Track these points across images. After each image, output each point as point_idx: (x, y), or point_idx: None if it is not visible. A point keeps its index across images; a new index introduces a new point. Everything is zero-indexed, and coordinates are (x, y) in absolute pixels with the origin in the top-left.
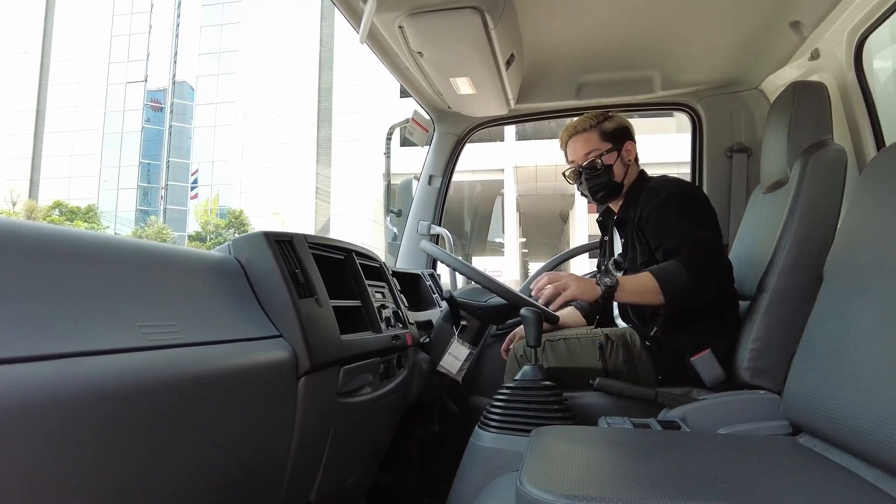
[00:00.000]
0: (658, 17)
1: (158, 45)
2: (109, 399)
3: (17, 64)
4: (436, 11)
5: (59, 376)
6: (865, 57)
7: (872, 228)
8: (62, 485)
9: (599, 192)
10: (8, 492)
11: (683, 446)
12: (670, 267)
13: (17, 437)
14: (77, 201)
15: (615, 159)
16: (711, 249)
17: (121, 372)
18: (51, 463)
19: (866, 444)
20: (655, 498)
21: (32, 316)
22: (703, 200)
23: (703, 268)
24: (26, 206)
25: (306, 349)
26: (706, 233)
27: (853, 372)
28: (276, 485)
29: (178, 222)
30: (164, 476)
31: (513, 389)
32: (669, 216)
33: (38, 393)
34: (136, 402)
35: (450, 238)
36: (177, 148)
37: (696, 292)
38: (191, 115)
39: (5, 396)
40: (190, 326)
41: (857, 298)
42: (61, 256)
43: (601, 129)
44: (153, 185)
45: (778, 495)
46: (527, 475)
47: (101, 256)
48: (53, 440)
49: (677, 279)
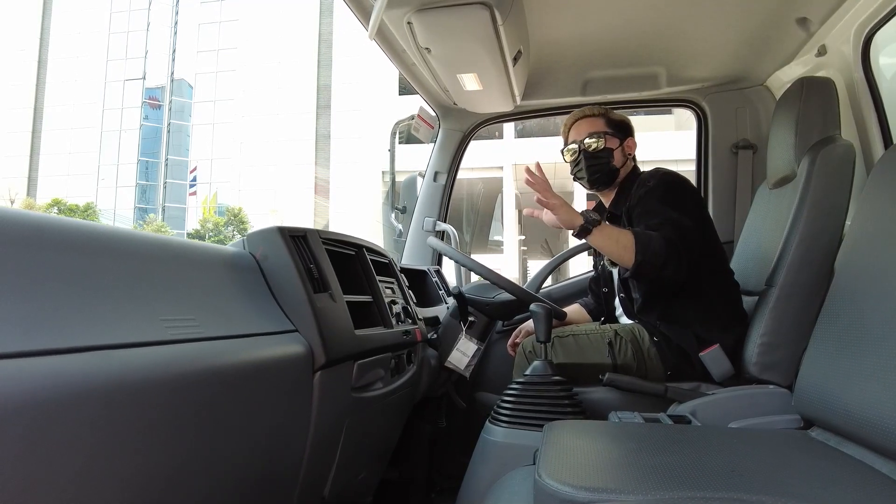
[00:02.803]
0: (664, 13)
1: (157, 42)
2: (137, 391)
3: (15, 61)
4: (445, 7)
5: (91, 368)
6: (873, 54)
7: (884, 225)
8: (95, 475)
9: (596, 174)
10: (48, 482)
11: (696, 440)
12: (652, 236)
13: (55, 428)
14: (75, 199)
15: (617, 146)
16: (688, 235)
17: (147, 365)
18: (86, 452)
19: (881, 437)
20: (672, 490)
21: (64, 309)
22: (691, 191)
23: (679, 249)
24: (24, 204)
25: (322, 344)
26: (686, 220)
27: (867, 366)
28: (292, 480)
29: (176, 220)
30: (186, 468)
31: (523, 385)
32: (654, 202)
33: (73, 384)
34: (161, 395)
35: (454, 235)
36: (175, 145)
37: (665, 266)
38: (189, 112)
39: (41, 387)
40: (209, 321)
41: (871, 294)
42: (88, 251)
43: (608, 117)
44: (152, 182)
45: (794, 487)
46: (545, 469)
47: (124, 251)
48: (88, 431)
49: (653, 247)
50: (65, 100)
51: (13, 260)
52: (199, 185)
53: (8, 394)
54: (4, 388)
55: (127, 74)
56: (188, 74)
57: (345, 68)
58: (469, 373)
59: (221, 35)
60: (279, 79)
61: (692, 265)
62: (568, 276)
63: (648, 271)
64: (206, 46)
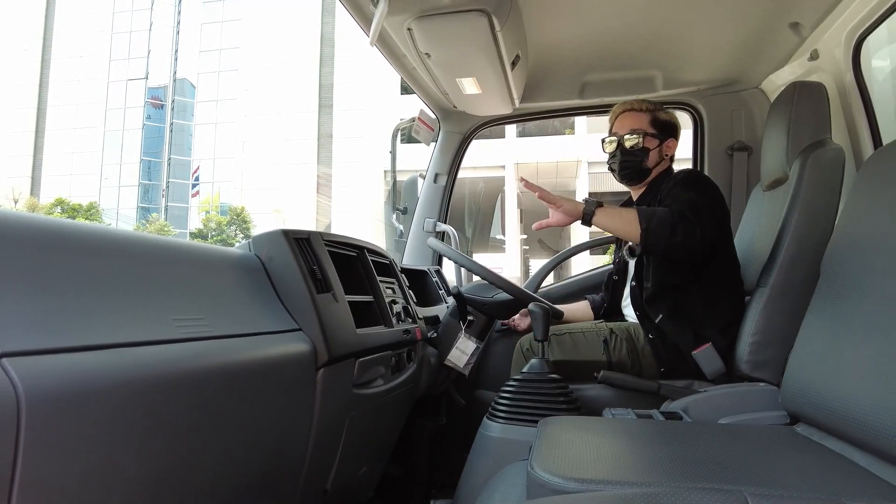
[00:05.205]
0: (660, 17)
1: (159, 42)
2: (150, 387)
3: (19, 61)
4: (444, 14)
5: (111, 365)
6: (864, 58)
7: (868, 226)
8: (114, 465)
9: (626, 170)
10: (66, 478)
11: (685, 435)
12: (656, 209)
13: (75, 423)
14: (79, 199)
15: (654, 146)
16: (704, 213)
17: (161, 361)
18: (106, 443)
19: (861, 432)
20: (658, 481)
21: (82, 309)
22: (712, 184)
23: (689, 219)
24: (28, 204)
25: (325, 342)
26: (704, 203)
27: (848, 364)
28: (296, 473)
29: (179, 219)
30: (196, 460)
31: (520, 382)
32: (678, 190)
33: (91, 380)
34: (172, 391)
35: (455, 235)
36: (178, 145)
37: (674, 233)
38: (192, 112)
39: (61, 384)
40: (217, 320)
41: (853, 293)
42: (104, 255)
43: (654, 116)
44: (154, 182)
45: (774, 478)
46: (537, 461)
47: (138, 254)
48: (109, 423)
49: (658, 216)
50: (68, 99)
51: (40, 263)
52: (201, 185)
53: (38, 387)
54: (35, 382)
55: (130, 74)
56: (191, 74)
57: (347, 67)
58: (468, 371)
59: (224, 35)
60: (281, 78)
61: (708, 238)
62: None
63: (657, 241)
64: (209, 46)
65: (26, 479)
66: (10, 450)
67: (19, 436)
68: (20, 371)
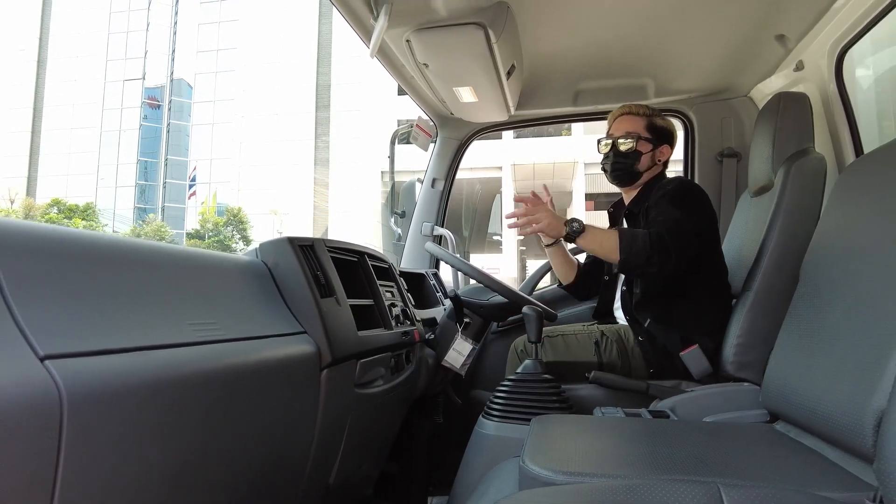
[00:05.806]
0: (652, 28)
1: (156, 42)
2: (170, 387)
3: (15, 61)
4: (441, 27)
5: (136, 366)
6: (846, 69)
7: (844, 232)
8: (140, 464)
9: (617, 171)
10: (102, 471)
11: (670, 433)
12: (638, 233)
13: (110, 420)
14: (75, 199)
15: (647, 151)
16: (685, 235)
17: (179, 363)
18: (132, 443)
19: (831, 429)
20: (639, 473)
21: (113, 314)
22: (701, 196)
23: (666, 246)
24: (24, 204)
25: (328, 344)
26: (688, 222)
27: (820, 364)
28: (301, 468)
29: (176, 220)
30: (210, 457)
31: (514, 382)
32: (665, 203)
33: (123, 380)
34: (189, 390)
35: (452, 239)
36: (175, 146)
37: (649, 264)
38: (189, 112)
39: (99, 383)
40: (228, 323)
41: (827, 297)
42: (124, 263)
43: (650, 121)
44: (151, 182)
45: (750, 471)
46: (529, 456)
47: (158, 262)
48: (133, 423)
49: (637, 246)
50: (64, 100)
51: (74, 272)
52: (198, 185)
53: (79, 387)
54: (76, 382)
55: (126, 74)
56: (188, 74)
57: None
58: (465, 371)
59: (221, 35)
60: (278, 79)
61: (683, 263)
62: None
63: (633, 269)
64: (206, 46)
65: (68, 472)
66: (55, 444)
67: (62, 431)
68: (62, 372)
